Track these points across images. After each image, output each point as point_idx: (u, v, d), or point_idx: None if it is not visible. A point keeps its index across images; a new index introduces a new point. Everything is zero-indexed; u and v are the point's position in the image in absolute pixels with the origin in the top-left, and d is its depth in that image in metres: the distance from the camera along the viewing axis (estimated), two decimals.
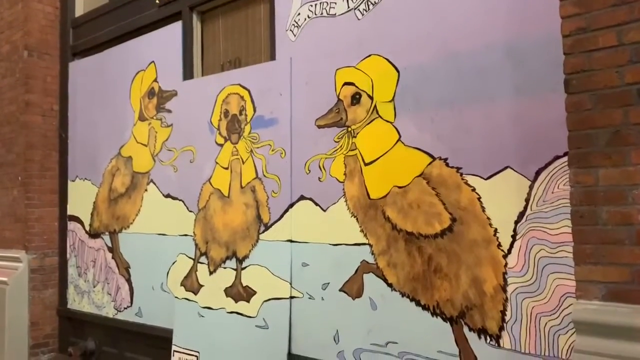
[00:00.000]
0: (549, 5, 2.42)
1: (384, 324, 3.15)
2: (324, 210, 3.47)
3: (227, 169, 4.06)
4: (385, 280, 3.15)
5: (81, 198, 5.41)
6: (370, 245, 3.23)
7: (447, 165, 2.92)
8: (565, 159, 2.38)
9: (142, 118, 4.81)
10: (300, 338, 3.54)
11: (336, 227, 3.40)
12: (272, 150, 3.77)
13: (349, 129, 3.36)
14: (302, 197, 3.60)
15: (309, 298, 3.52)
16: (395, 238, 3.11)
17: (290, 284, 3.61)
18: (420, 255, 3.00)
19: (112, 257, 5.01)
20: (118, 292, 4.94)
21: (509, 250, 2.69)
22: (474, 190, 2.82)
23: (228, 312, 3.94)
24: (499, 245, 2.72)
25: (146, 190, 4.72)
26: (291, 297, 3.60)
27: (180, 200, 4.42)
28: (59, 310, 5.59)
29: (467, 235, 2.83)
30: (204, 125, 4.24)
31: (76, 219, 5.46)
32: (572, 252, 2.13)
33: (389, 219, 3.14)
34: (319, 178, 3.50)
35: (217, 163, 4.14)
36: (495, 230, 2.74)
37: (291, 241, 3.63)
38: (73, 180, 5.53)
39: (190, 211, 4.32)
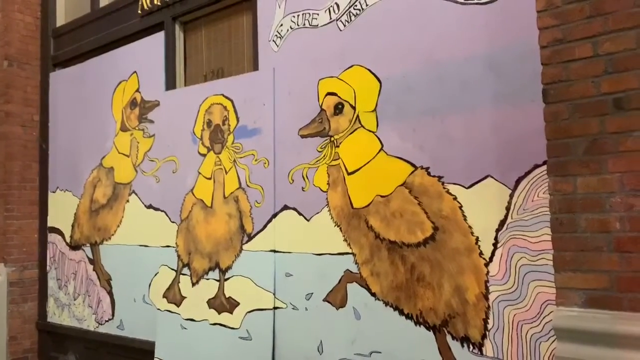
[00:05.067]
0: (528, 17, 2.46)
1: (367, 333, 3.14)
2: (308, 220, 3.47)
3: (210, 179, 4.04)
4: (368, 290, 3.15)
5: (62, 209, 5.34)
6: (354, 255, 3.23)
7: (428, 174, 2.95)
8: (545, 167, 2.42)
9: (124, 128, 4.78)
10: (284, 349, 3.52)
11: (320, 237, 3.40)
12: (256, 160, 3.77)
13: (332, 139, 3.37)
14: (285, 207, 3.59)
15: (293, 308, 3.50)
16: (379, 247, 3.11)
17: (274, 294, 3.59)
18: (403, 264, 3.01)
19: (93, 269, 4.95)
20: (99, 305, 4.87)
21: (491, 259, 2.72)
22: (455, 199, 2.84)
23: (211, 324, 3.90)
24: (481, 253, 2.74)
25: (128, 201, 4.67)
26: (275, 308, 3.58)
27: (162, 211, 4.39)
28: (39, 324, 5.48)
29: (449, 244, 2.85)
30: (187, 136, 4.23)
31: (57, 230, 5.39)
32: (552, 260, 2.15)
33: (372, 228, 3.15)
34: (303, 188, 3.50)
35: (199, 173, 4.12)
36: (477, 239, 2.76)
37: (274, 251, 3.62)
38: (54, 192, 5.46)
39: (173, 222, 4.29)
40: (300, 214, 3.51)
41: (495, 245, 2.70)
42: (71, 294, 5.18)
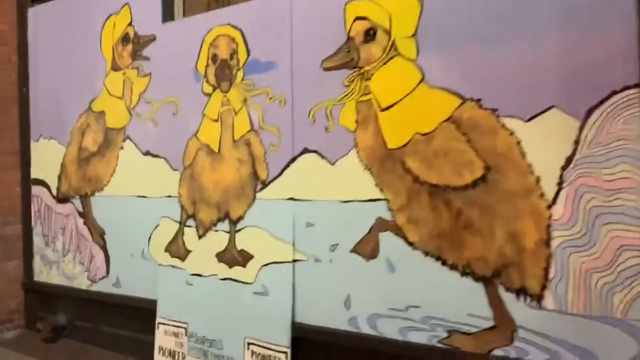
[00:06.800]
0: None
1: (403, 286, 2.84)
2: (332, 164, 3.10)
3: (216, 121, 3.63)
4: (405, 239, 2.82)
5: (46, 159, 4.86)
6: (387, 201, 2.89)
7: (480, 107, 2.59)
8: (624, 94, 2.09)
9: (115, 67, 4.29)
10: (305, 305, 3.21)
11: (346, 183, 3.04)
12: (270, 99, 3.36)
13: (362, 71, 2.97)
14: (305, 150, 3.21)
15: (315, 261, 3.17)
16: (418, 191, 2.77)
17: (293, 246, 3.25)
18: (447, 210, 2.68)
19: (84, 224, 4.53)
20: (92, 262, 4.48)
21: (554, 200, 2.40)
22: (512, 134, 2.50)
23: (221, 279, 3.56)
24: (542, 195, 2.42)
25: (122, 148, 4.23)
26: (294, 261, 3.24)
27: (162, 157, 3.97)
28: (25, 283, 5.08)
29: (504, 185, 2.52)
30: (189, 73, 3.78)
31: (41, 182, 4.92)
32: None
33: (409, 170, 2.80)
34: (326, 128, 3.12)
35: (204, 115, 3.70)
36: (538, 179, 2.43)
37: (293, 199, 3.26)
38: (37, 140, 4.96)
39: (174, 169, 3.88)
40: (323, 157, 3.14)
41: (559, 185, 2.38)
42: (60, 251, 4.77)
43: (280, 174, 3.32)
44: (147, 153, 4.06)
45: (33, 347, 4.55)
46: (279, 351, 3.24)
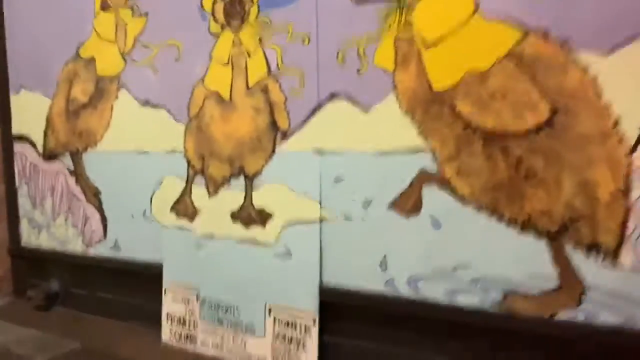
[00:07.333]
0: None
1: (450, 245, 2.56)
2: (366, 111, 2.76)
3: (227, 65, 3.23)
4: (453, 192, 2.53)
5: (30, 114, 4.40)
6: (433, 151, 2.57)
7: (546, 39, 2.25)
8: None
9: (105, 6, 3.81)
10: (334, 267, 2.92)
11: (382, 131, 2.71)
12: (291, 37, 2.97)
13: (402, 2, 2.60)
14: (333, 96, 2.85)
15: (345, 219, 2.86)
16: (469, 139, 2.46)
17: (320, 203, 2.93)
18: (505, 159, 2.38)
19: (77, 183, 4.13)
20: (87, 224, 4.11)
21: (635, 147, 2.11)
22: (586, 70, 2.18)
23: (237, 240, 3.24)
24: (621, 140, 2.13)
25: (116, 97, 3.81)
26: (321, 220, 2.93)
27: (163, 108, 3.57)
28: (11, 249, 4.70)
29: (575, 129, 2.21)
30: (192, 11, 3.34)
31: (25, 139, 4.48)
32: None
33: (460, 115, 2.47)
34: (358, 70, 2.76)
35: (212, 58, 3.29)
36: (616, 122, 2.14)
37: (320, 152, 2.92)
38: (17, 93, 4.48)
39: (178, 121, 3.49)
40: (354, 103, 2.79)
41: None
42: (49, 213, 4.38)
43: (303, 123, 2.97)
44: (146, 103, 3.65)
45: (24, 316, 4.21)
46: (305, 317, 2.96)
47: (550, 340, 2.34)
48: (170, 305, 3.56)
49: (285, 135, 3.04)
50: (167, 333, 3.56)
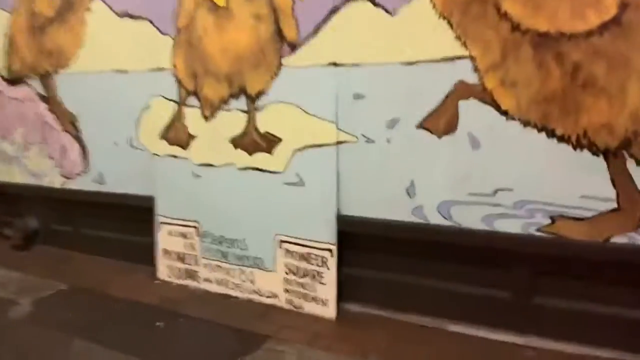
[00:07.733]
0: None
1: (490, 166, 2.29)
2: (391, 14, 2.38)
3: None
4: (496, 107, 2.22)
5: None
6: (472, 59, 2.24)
7: None
8: None
9: None
10: (353, 195, 2.63)
11: (412, 38, 2.35)
12: None
13: None
14: None
15: (367, 141, 2.55)
16: (517, 43, 2.13)
17: (337, 124, 2.60)
18: (559, 65, 2.07)
19: (49, 109, 3.69)
20: (65, 155, 3.71)
21: None
22: None
23: (240, 169, 2.92)
24: None
25: (89, 9, 3.31)
26: (338, 143, 2.61)
27: (145, 19, 3.11)
28: None
29: None
30: None
31: None
32: None
33: (506, 15, 2.13)
34: None
35: None
36: None
37: (335, 64, 2.55)
38: None
39: (164, 34, 3.05)
40: (377, 5, 2.41)
41: None
42: (20, 144, 3.95)
43: (315, 31, 2.58)
44: (125, 14, 3.18)
45: (2, 257, 3.88)
46: (322, 248, 2.71)
47: (603, 265, 2.14)
48: (166, 240, 3.26)
49: (293, 47, 2.65)
50: (164, 270, 3.29)
